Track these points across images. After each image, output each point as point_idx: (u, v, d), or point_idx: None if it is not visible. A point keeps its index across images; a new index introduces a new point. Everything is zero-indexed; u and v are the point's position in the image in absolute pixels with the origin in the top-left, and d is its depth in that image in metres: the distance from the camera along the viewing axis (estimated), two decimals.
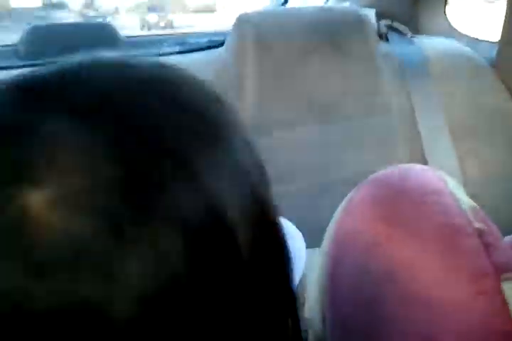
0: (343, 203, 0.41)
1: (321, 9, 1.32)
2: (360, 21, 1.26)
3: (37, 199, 0.23)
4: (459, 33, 1.50)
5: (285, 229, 0.33)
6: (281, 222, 0.34)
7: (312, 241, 0.68)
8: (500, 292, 0.28)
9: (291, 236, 0.87)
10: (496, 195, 1.23)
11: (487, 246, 0.30)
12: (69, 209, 0.23)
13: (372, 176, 0.40)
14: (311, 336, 0.40)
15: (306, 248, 0.88)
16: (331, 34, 1.23)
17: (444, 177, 0.37)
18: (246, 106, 1.19)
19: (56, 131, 0.25)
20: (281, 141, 1.19)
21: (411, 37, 1.45)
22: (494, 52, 1.34)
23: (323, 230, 0.43)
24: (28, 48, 1.76)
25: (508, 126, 1.29)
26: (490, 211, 0.37)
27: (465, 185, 1.21)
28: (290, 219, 0.91)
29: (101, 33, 1.87)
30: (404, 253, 0.33)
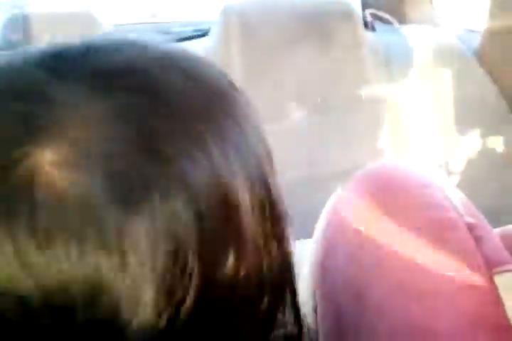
0: (334, 196, 0.41)
1: None
2: (346, 10, 1.25)
3: (47, 159, 0.23)
4: (445, 22, 1.50)
5: None
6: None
7: (303, 232, 0.69)
8: (492, 285, 0.28)
9: None
10: (479, 184, 1.25)
11: (478, 240, 0.30)
12: (78, 171, 0.23)
13: (362, 170, 0.40)
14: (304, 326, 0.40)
15: (297, 239, 0.89)
16: (317, 23, 1.23)
17: (433, 171, 0.37)
18: None
19: (72, 95, 0.25)
20: (268, 132, 1.19)
21: (398, 26, 1.46)
22: (478, 42, 1.34)
23: (313, 222, 0.43)
24: (7, 37, 1.72)
25: (491, 115, 1.31)
26: (476, 201, 0.37)
27: (451, 175, 1.22)
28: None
29: (83, 22, 1.84)
30: (395, 246, 0.33)
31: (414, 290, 0.31)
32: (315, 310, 0.38)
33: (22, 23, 1.74)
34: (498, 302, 0.28)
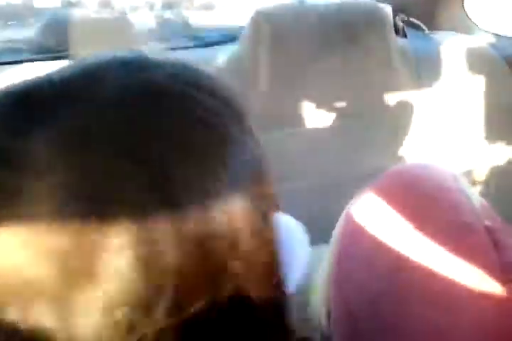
0: (354, 199, 0.40)
1: (338, 4, 1.30)
2: (377, 16, 1.24)
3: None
4: (478, 28, 1.48)
5: (288, 227, 0.33)
6: (285, 220, 0.34)
7: (322, 237, 0.68)
8: (508, 291, 0.28)
9: (294, 236, 0.87)
10: (504, 194, 1.22)
11: (496, 244, 0.30)
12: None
13: (384, 173, 0.40)
14: (317, 332, 0.40)
15: (316, 244, 0.88)
16: (347, 29, 1.22)
17: (456, 175, 0.37)
18: (259, 102, 1.19)
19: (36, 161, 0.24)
20: (293, 136, 1.18)
21: (429, 33, 1.44)
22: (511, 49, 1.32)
23: (331, 226, 0.42)
24: (43, 43, 1.77)
25: None
26: (500, 209, 0.36)
27: (474, 183, 1.20)
28: (301, 216, 0.92)
29: (117, 27, 1.87)
30: (412, 250, 0.32)
31: (429, 296, 0.30)
32: (329, 315, 0.38)
33: (58, 29, 1.79)
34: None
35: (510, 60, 1.32)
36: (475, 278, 0.29)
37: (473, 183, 1.21)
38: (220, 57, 1.27)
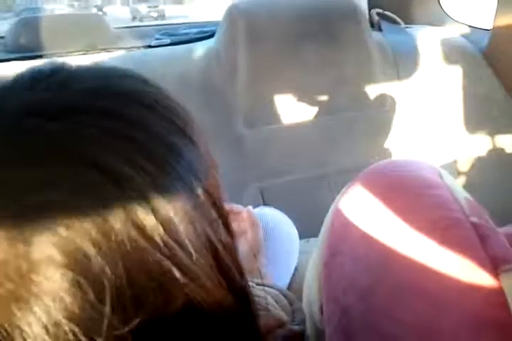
0: (340, 195, 0.41)
1: None
2: (352, 10, 1.25)
3: None
4: (453, 21, 1.49)
5: (277, 221, 0.33)
6: (276, 215, 0.34)
7: (311, 231, 0.69)
8: (497, 284, 0.28)
9: (284, 229, 0.87)
10: (487, 183, 1.24)
11: (482, 239, 0.30)
12: None
13: (368, 168, 0.40)
14: (309, 324, 0.40)
15: (305, 237, 0.89)
16: (323, 23, 1.22)
17: (439, 170, 0.37)
18: (239, 98, 1.18)
19: None
20: (276, 132, 1.19)
21: (404, 26, 1.45)
22: (486, 41, 1.34)
23: (321, 221, 0.43)
24: (16, 41, 1.74)
25: (497, 114, 1.30)
26: (482, 200, 0.37)
27: (458, 174, 1.22)
28: (287, 211, 0.92)
29: (91, 25, 1.85)
30: (400, 244, 0.33)
31: (419, 290, 0.31)
32: (321, 310, 0.38)
33: (32, 26, 1.76)
34: (503, 301, 0.28)
35: (485, 51, 1.34)
36: (464, 272, 0.29)
37: (457, 174, 1.23)
38: (197, 54, 1.26)
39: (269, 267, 0.74)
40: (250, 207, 0.75)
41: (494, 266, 0.29)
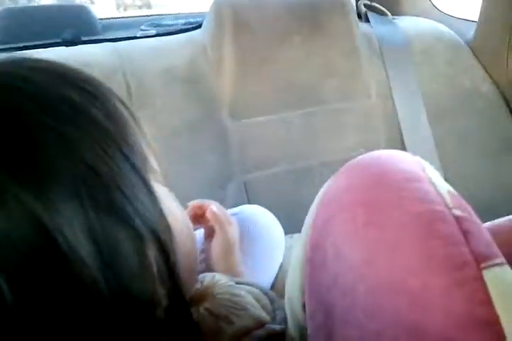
0: (323, 189, 0.40)
1: None
2: (340, 1, 1.24)
3: None
4: (440, 12, 1.49)
5: (262, 220, 0.33)
6: (260, 212, 0.34)
7: (293, 226, 0.68)
8: (481, 280, 0.28)
9: (269, 227, 0.86)
10: (471, 175, 1.25)
11: (466, 234, 0.30)
12: None
13: (350, 162, 0.40)
14: (290, 322, 0.40)
15: (288, 233, 0.88)
16: (310, 14, 1.22)
17: (423, 163, 0.37)
18: (224, 90, 1.17)
19: None
20: (261, 124, 1.18)
21: (391, 17, 1.45)
22: (472, 33, 1.34)
23: (304, 215, 0.42)
24: (0, 32, 1.71)
25: (483, 106, 1.30)
26: (466, 193, 0.37)
27: (442, 167, 1.22)
28: (271, 204, 0.92)
29: (76, 15, 1.82)
30: (382, 239, 0.32)
31: (402, 286, 0.30)
32: (303, 307, 0.38)
33: (15, 17, 1.73)
34: (486, 297, 0.28)
35: (472, 43, 1.34)
36: (447, 268, 0.29)
37: (441, 166, 1.23)
38: (183, 45, 1.25)
39: (252, 265, 0.74)
40: (213, 208, 0.72)
41: (477, 261, 0.28)
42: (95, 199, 0.28)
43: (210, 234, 0.71)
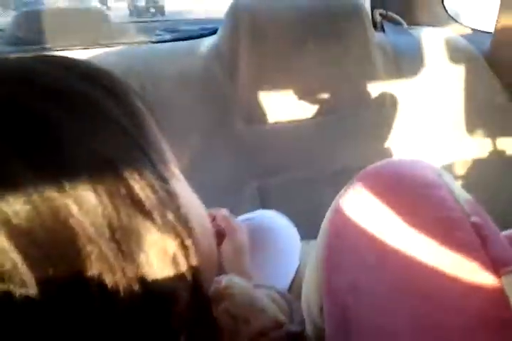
0: (339, 195, 0.41)
1: None
2: (355, 9, 1.25)
3: None
4: (456, 23, 1.49)
5: (278, 225, 0.33)
6: (276, 217, 0.34)
7: (309, 232, 0.69)
8: (499, 286, 0.28)
9: (284, 231, 0.86)
10: (486, 186, 1.24)
11: (484, 240, 0.30)
12: None
13: (367, 168, 0.40)
14: (308, 324, 0.40)
15: (303, 239, 0.88)
16: (326, 22, 1.22)
17: (439, 171, 0.37)
18: (238, 96, 1.18)
19: None
20: (275, 130, 1.18)
21: (407, 27, 1.45)
22: (488, 43, 1.34)
23: (317, 221, 0.43)
24: (16, 34, 1.73)
25: (498, 117, 1.30)
26: (481, 204, 0.37)
27: (456, 177, 1.22)
28: (285, 210, 0.92)
29: (91, 19, 1.84)
30: (400, 245, 0.33)
31: (419, 290, 0.30)
32: (321, 309, 0.38)
33: (32, 20, 1.75)
34: (505, 302, 0.28)
35: (486, 53, 1.34)
36: (465, 273, 0.29)
37: (455, 176, 1.23)
38: (199, 50, 1.26)
39: (268, 269, 0.74)
40: (223, 212, 0.74)
41: (495, 267, 0.29)
42: (110, 190, 0.28)
43: (219, 239, 0.72)
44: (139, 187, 0.29)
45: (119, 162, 0.29)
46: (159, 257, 0.30)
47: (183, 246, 0.31)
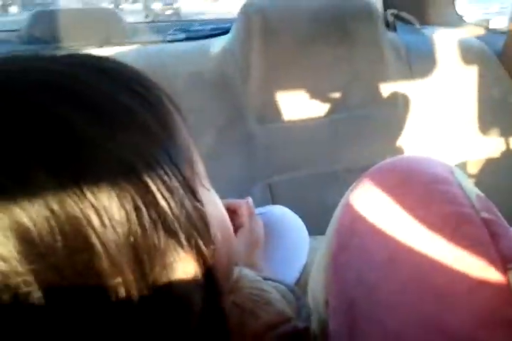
0: (350, 191, 0.41)
1: None
2: (367, 9, 1.25)
3: None
4: (468, 23, 1.49)
5: (288, 220, 0.32)
6: (286, 212, 0.33)
7: (316, 228, 0.69)
8: (507, 281, 0.28)
9: (294, 227, 0.86)
10: (498, 186, 1.23)
11: (493, 236, 0.30)
12: None
13: (378, 165, 0.40)
14: (314, 319, 0.40)
15: (312, 234, 0.89)
16: (338, 21, 1.22)
17: (451, 167, 0.37)
18: (252, 95, 1.19)
19: None
20: (287, 129, 1.19)
21: (420, 27, 1.44)
22: (502, 43, 1.33)
23: (327, 218, 0.43)
24: (31, 33, 1.75)
25: (510, 117, 1.29)
26: (495, 199, 0.37)
27: (468, 176, 1.21)
28: (295, 207, 0.92)
29: (105, 19, 1.86)
30: (409, 240, 0.33)
31: (428, 285, 0.30)
32: (327, 304, 0.38)
33: (46, 20, 1.77)
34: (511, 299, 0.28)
35: (500, 53, 1.33)
36: (473, 269, 0.29)
37: (468, 176, 1.22)
38: (211, 50, 1.26)
39: (277, 263, 0.74)
40: (250, 199, 0.73)
41: (504, 262, 0.29)
42: (137, 205, 0.27)
43: (234, 232, 0.72)
44: (167, 203, 0.28)
45: (146, 174, 0.27)
46: (181, 277, 0.29)
47: (206, 266, 0.30)
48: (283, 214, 0.87)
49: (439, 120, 1.27)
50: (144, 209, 0.27)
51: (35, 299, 0.24)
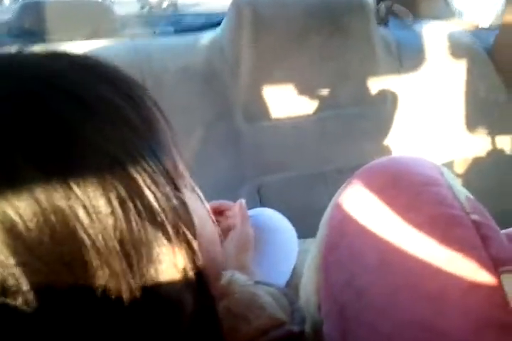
0: (339, 192, 0.40)
1: None
2: (359, 4, 1.24)
3: None
4: (460, 18, 1.49)
5: (277, 223, 0.32)
6: (274, 215, 0.33)
7: (305, 230, 0.68)
8: (498, 284, 0.28)
9: (283, 230, 0.86)
10: (486, 185, 1.24)
11: (484, 239, 0.30)
12: None
13: (367, 165, 0.39)
14: (308, 323, 0.40)
15: (301, 236, 0.88)
16: (329, 16, 1.22)
17: (441, 168, 0.37)
18: (239, 91, 1.18)
19: None
20: (275, 128, 1.18)
21: (411, 22, 1.44)
22: (491, 39, 1.33)
23: (316, 220, 0.42)
24: (20, 26, 1.73)
25: (498, 115, 1.30)
26: (480, 202, 0.36)
27: (457, 174, 1.22)
28: (284, 209, 0.92)
29: (95, 11, 1.84)
30: (399, 242, 0.32)
31: (419, 288, 0.30)
32: (319, 307, 0.38)
33: (35, 11, 1.75)
34: (504, 301, 0.28)
35: (490, 49, 1.33)
36: (465, 272, 0.29)
37: (455, 175, 1.23)
38: (201, 44, 1.25)
39: (267, 267, 0.74)
40: (243, 201, 0.73)
41: (495, 266, 0.28)
42: (123, 198, 0.27)
43: (224, 234, 0.71)
44: (153, 196, 0.28)
45: (132, 167, 0.28)
46: (169, 270, 0.29)
47: (193, 259, 0.31)
48: (270, 216, 0.86)
49: (428, 117, 1.27)
50: (130, 201, 0.27)
51: (23, 292, 0.24)
